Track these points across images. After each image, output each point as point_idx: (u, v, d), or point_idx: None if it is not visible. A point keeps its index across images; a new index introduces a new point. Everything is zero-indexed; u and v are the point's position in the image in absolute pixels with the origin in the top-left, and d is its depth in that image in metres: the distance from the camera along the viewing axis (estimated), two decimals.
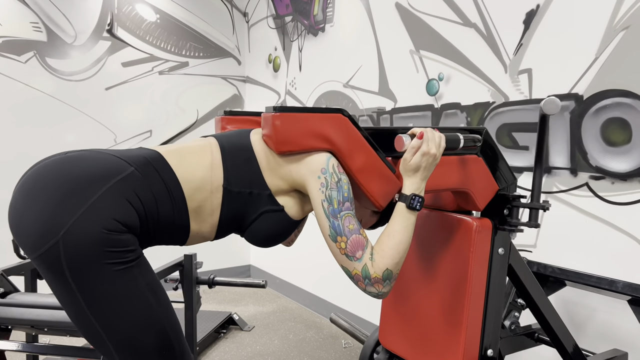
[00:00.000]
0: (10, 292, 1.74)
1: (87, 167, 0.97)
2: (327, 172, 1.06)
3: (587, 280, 1.64)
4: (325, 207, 1.05)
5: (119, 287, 0.95)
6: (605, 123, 1.74)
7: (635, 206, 1.67)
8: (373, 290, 1.06)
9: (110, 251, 0.93)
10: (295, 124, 1.06)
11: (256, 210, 1.10)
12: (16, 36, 3.41)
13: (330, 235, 1.05)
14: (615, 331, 1.75)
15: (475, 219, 1.29)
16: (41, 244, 0.91)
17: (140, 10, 3.86)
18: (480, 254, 1.27)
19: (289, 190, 1.12)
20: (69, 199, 0.92)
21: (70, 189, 0.94)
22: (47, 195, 0.93)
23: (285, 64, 3.80)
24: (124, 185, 0.97)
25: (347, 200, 1.06)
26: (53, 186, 0.94)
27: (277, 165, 1.10)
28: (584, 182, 1.82)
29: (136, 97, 3.89)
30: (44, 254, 0.92)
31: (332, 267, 3.37)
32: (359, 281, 1.05)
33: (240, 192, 1.08)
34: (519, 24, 2.03)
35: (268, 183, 1.10)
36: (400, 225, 1.09)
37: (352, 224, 1.05)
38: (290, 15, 3.70)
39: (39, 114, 3.51)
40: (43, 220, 0.92)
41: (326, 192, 1.05)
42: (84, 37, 3.64)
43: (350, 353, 2.83)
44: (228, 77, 4.32)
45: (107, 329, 0.96)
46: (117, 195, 0.96)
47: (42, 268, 0.95)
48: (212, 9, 4.20)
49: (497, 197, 1.34)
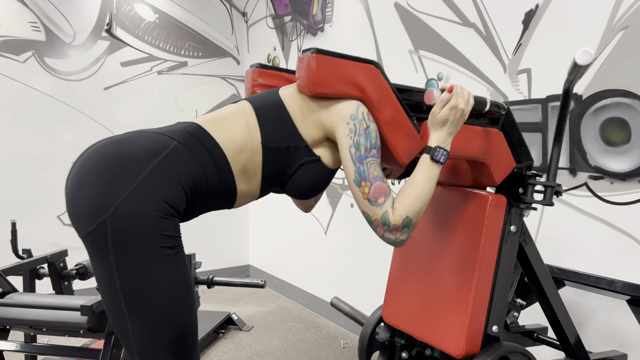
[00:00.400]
0: (8, 292, 1.73)
1: (133, 147, 1.00)
2: (356, 119, 1.08)
3: (587, 280, 1.64)
4: (352, 153, 1.08)
5: (157, 272, 0.97)
6: (605, 123, 1.74)
7: (634, 206, 1.67)
8: (391, 237, 1.08)
9: (159, 234, 0.96)
10: (330, 67, 1.08)
11: (295, 163, 1.13)
12: (15, 36, 3.40)
13: (355, 180, 1.08)
14: (614, 331, 1.75)
15: (490, 194, 1.30)
16: (90, 222, 0.94)
17: (139, 10, 3.85)
18: (493, 229, 1.28)
19: (322, 139, 1.14)
20: (116, 178, 0.95)
21: (118, 169, 0.96)
22: (96, 176, 0.96)
23: (285, 64, 3.80)
24: (171, 161, 1.00)
25: (374, 148, 1.09)
26: (101, 167, 0.97)
27: (310, 114, 1.13)
28: (583, 182, 1.82)
29: (135, 97, 3.88)
30: (92, 232, 0.94)
31: (331, 267, 3.37)
32: (378, 227, 1.08)
33: (278, 148, 1.11)
34: (518, 23, 2.03)
35: (303, 135, 1.13)
36: (423, 176, 1.11)
37: (377, 171, 1.08)
38: (290, 15, 3.70)
39: (38, 114, 3.51)
40: (92, 199, 0.94)
41: (354, 138, 1.08)
42: (82, 36, 3.64)
43: (350, 353, 2.83)
44: (227, 77, 4.32)
45: (132, 311, 0.97)
46: (166, 173, 0.99)
47: (89, 247, 0.97)
48: (211, 8, 4.20)
49: (513, 175, 1.35)
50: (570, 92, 1.30)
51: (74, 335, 1.64)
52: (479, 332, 1.25)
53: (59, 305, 1.60)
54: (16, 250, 2.09)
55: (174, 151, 1.02)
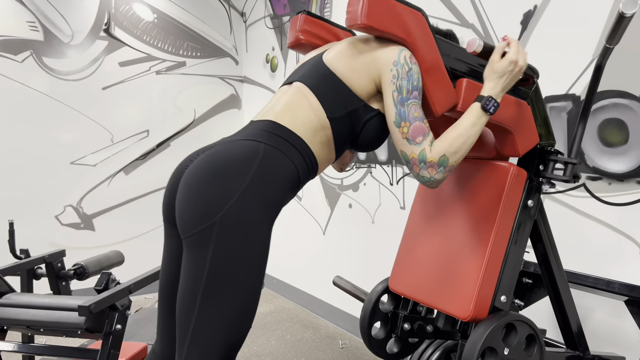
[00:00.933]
0: (6, 292, 1.73)
1: (230, 158, 1.08)
2: (399, 64, 1.13)
3: (584, 281, 1.64)
4: (395, 97, 1.13)
5: (245, 271, 1.04)
6: (603, 124, 1.74)
7: (632, 207, 1.68)
8: (426, 174, 1.13)
9: (255, 239, 1.05)
10: (382, 4, 1.12)
11: (359, 123, 1.19)
12: (13, 35, 3.39)
13: (395, 121, 1.13)
14: (612, 332, 1.76)
15: (512, 165, 1.32)
16: (196, 225, 1.03)
17: (138, 10, 3.85)
18: (511, 199, 1.29)
19: (375, 91, 1.18)
20: (221, 188, 1.04)
21: (221, 180, 1.05)
22: (204, 187, 1.05)
23: (283, 64, 3.80)
24: (265, 164, 1.08)
25: (416, 90, 1.13)
26: (207, 179, 1.06)
27: (358, 68, 1.17)
28: (581, 182, 1.82)
29: (133, 97, 3.88)
30: (198, 233, 1.03)
31: (330, 268, 3.37)
32: (414, 165, 1.13)
33: (341, 116, 1.18)
34: (516, 24, 2.03)
35: (359, 94, 1.18)
36: (469, 122, 1.15)
37: (417, 112, 1.13)
38: (288, 15, 3.69)
39: (36, 114, 3.50)
40: (202, 207, 1.04)
41: (397, 83, 1.12)
42: (80, 36, 3.64)
43: (348, 353, 2.83)
44: (225, 77, 4.32)
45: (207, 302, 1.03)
46: (264, 179, 1.07)
47: (190, 243, 1.05)
48: (210, 8, 4.19)
49: (535, 151, 1.36)
50: (601, 69, 1.30)
51: (72, 336, 1.64)
52: (488, 299, 1.25)
53: (57, 305, 1.60)
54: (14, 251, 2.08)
55: (264, 155, 1.09)
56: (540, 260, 1.46)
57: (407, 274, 1.47)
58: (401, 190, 2.71)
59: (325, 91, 1.18)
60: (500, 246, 1.28)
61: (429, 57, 1.17)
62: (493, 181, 1.32)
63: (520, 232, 1.31)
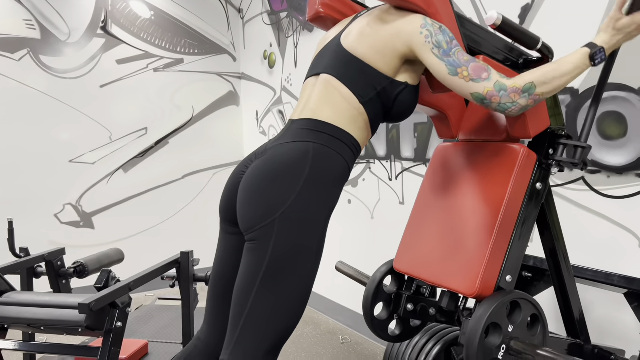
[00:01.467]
0: (6, 291, 1.73)
1: (284, 162, 1.14)
2: (427, 25, 1.13)
3: (583, 274, 1.65)
4: (437, 53, 1.12)
5: (303, 263, 1.12)
6: (601, 117, 1.74)
7: (631, 200, 1.68)
8: (508, 101, 1.10)
9: (312, 235, 1.12)
10: None
11: (390, 99, 1.22)
12: (9, 34, 3.38)
13: (450, 72, 1.12)
14: (611, 325, 1.76)
15: (522, 146, 1.32)
16: (258, 222, 1.10)
17: (135, 7, 3.84)
18: (520, 180, 1.29)
19: (401, 64, 1.20)
20: (280, 189, 1.11)
21: (279, 183, 1.12)
22: (263, 189, 1.13)
23: (281, 60, 3.79)
24: (317, 164, 1.14)
25: (454, 39, 1.13)
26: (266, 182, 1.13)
27: (381, 46, 1.18)
28: (579, 175, 1.82)
29: (131, 95, 3.87)
30: (261, 228, 1.10)
31: (329, 264, 3.37)
32: (492, 97, 1.10)
33: (372, 99, 1.21)
34: (514, 18, 2.03)
35: (384, 72, 1.19)
36: (571, 62, 1.12)
37: (466, 56, 1.12)
38: (286, 12, 3.68)
39: (34, 112, 3.50)
40: (262, 207, 1.11)
41: (433, 40, 1.12)
42: (77, 34, 3.62)
43: (348, 349, 2.83)
44: (223, 74, 4.31)
45: (264, 290, 1.09)
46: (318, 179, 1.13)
47: (252, 237, 1.12)
48: (207, 5, 4.18)
49: (545, 134, 1.36)
50: (615, 53, 1.29)
51: (72, 334, 1.64)
52: (494, 278, 1.26)
53: (57, 303, 1.60)
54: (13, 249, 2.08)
55: (315, 155, 1.14)
56: (546, 248, 1.47)
57: (413, 253, 1.47)
58: (400, 186, 2.71)
59: (352, 78, 1.21)
60: (508, 226, 1.28)
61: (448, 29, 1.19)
62: (503, 161, 1.33)
63: (528, 213, 1.32)
